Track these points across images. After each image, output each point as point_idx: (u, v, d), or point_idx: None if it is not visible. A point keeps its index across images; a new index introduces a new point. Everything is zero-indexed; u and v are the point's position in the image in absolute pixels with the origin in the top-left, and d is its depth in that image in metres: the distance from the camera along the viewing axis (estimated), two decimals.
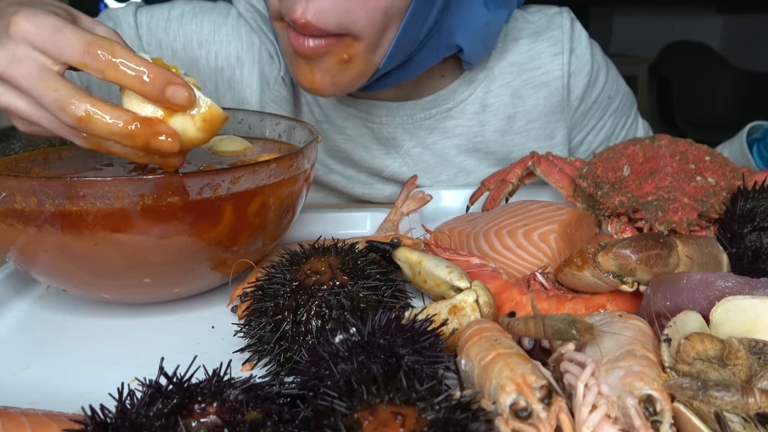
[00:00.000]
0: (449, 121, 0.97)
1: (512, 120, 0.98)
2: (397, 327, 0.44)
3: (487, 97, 0.97)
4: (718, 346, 0.41)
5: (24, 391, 0.52)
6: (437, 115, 0.96)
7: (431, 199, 0.86)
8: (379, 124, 0.96)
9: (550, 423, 0.37)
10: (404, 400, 0.36)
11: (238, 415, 0.38)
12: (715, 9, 4.24)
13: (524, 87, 0.97)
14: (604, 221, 0.73)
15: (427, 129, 0.97)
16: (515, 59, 0.97)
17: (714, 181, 0.70)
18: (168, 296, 0.64)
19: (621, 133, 1.07)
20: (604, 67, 1.02)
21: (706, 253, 0.56)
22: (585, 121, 1.03)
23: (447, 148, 0.99)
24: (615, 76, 1.05)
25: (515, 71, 0.97)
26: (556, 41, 0.96)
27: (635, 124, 1.10)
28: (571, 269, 0.56)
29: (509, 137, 0.99)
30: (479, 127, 0.98)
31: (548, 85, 0.97)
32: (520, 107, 0.98)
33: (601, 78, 1.01)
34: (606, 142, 1.06)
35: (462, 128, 0.98)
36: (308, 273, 0.54)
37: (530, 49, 0.97)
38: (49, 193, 0.51)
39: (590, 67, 0.98)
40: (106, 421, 0.37)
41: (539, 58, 0.97)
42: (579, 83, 0.98)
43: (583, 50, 0.98)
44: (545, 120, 0.99)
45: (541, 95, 0.98)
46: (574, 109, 1.01)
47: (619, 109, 1.06)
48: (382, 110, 0.95)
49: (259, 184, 0.58)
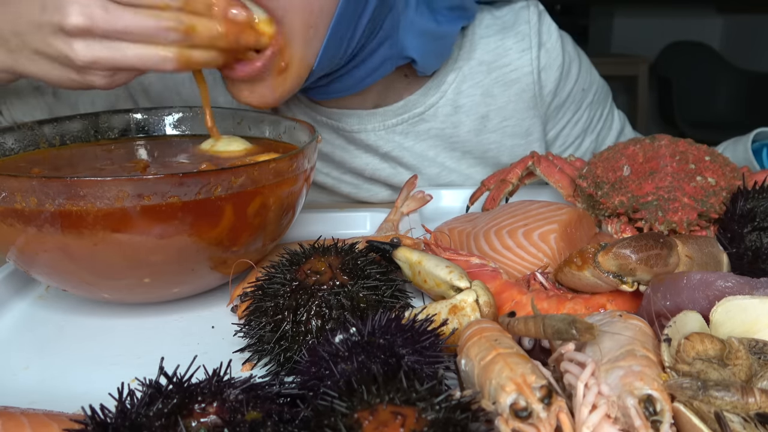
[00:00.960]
0: (422, 125, 0.96)
1: (486, 119, 0.97)
2: (397, 327, 0.44)
3: (459, 98, 0.96)
4: (718, 346, 0.41)
5: (24, 391, 0.52)
6: (409, 120, 0.95)
7: (431, 199, 0.86)
8: (351, 133, 0.95)
9: (550, 423, 0.37)
10: (404, 400, 0.36)
11: (238, 415, 0.38)
12: (715, 9, 4.25)
13: (495, 85, 0.96)
14: (604, 221, 0.73)
15: (401, 134, 0.96)
16: (484, 58, 0.95)
17: (714, 181, 0.70)
18: (168, 296, 0.64)
19: (597, 125, 1.06)
20: (576, 60, 1.01)
21: (706, 253, 0.56)
22: (560, 115, 1.02)
23: (424, 150, 0.98)
24: (588, 68, 1.04)
25: (485, 70, 0.96)
26: (523, 36, 0.95)
27: (611, 115, 1.09)
28: (571, 269, 0.56)
29: (484, 136, 0.98)
30: (453, 128, 0.97)
31: (518, 81, 0.96)
32: (493, 105, 0.97)
33: (573, 71, 1.00)
34: (582, 135, 1.05)
35: (436, 130, 0.97)
36: (308, 273, 0.54)
37: (498, 47, 0.95)
38: (49, 193, 0.51)
39: (561, 60, 0.97)
40: (106, 421, 0.37)
41: (507, 54, 0.95)
42: (551, 77, 0.97)
43: (553, 44, 0.96)
44: (519, 117, 0.98)
45: (512, 92, 0.97)
46: (548, 104, 0.99)
47: (594, 102, 1.05)
48: (353, 119, 0.94)
49: (259, 184, 0.58)
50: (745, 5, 3.99)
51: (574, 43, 1.03)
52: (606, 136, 1.08)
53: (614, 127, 1.09)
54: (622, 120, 1.11)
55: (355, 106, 0.93)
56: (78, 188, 0.51)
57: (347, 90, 0.85)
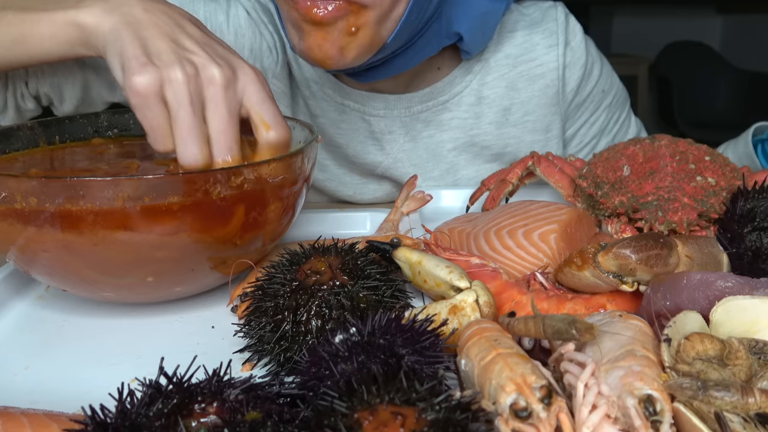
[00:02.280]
0: (445, 114, 0.97)
1: (508, 112, 0.98)
2: (397, 327, 0.44)
3: (483, 89, 0.97)
4: (718, 346, 0.41)
5: (24, 391, 0.52)
6: (434, 108, 0.97)
7: (431, 199, 0.86)
8: (376, 117, 0.96)
9: (550, 423, 0.37)
10: (404, 400, 0.36)
11: (238, 415, 0.38)
12: (715, 9, 4.24)
13: (519, 79, 0.97)
14: (604, 221, 0.73)
15: (423, 122, 0.97)
16: (511, 51, 0.97)
17: (714, 181, 0.70)
18: (169, 296, 0.64)
19: (614, 128, 1.07)
20: (598, 61, 1.03)
21: (706, 253, 0.56)
22: (578, 114, 1.03)
23: (442, 142, 0.99)
24: (609, 72, 1.06)
25: (511, 63, 0.97)
26: (551, 33, 0.97)
27: (628, 120, 1.10)
28: (571, 269, 0.56)
29: (505, 129, 0.99)
30: (475, 119, 0.98)
31: (543, 77, 0.98)
32: (516, 99, 0.98)
33: (595, 71, 1.01)
34: (599, 136, 1.06)
35: (458, 120, 0.98)
36: (308, 273, 0.54)
37: (525, 42, 0.97)
38: (49, 193, 0.51)
39: (585, 60, 0.99)
40: (106, 421, 0.37)
41: (534, 50, 0.97)
42: (574, 75, 0.99)
43: (578, 43, 0.98)
44: (541, 112, 1.00)
45: (536, 87, 0.98)
46: (569, 102, 1.01)
47: (613, 104, 1.06)
48: (379, 103, 0.95)
49: (259, 184, 0.58)
50: (745, 5, 3.99)
51: (597, 48, 1.05)
52: (622, 139, 1.09)
53: (630, 132, 1.10)
54: (638, 126, 1.12)
55: (383, 90, 0.94)
56: (78, 188, 0.51)
57: (395, 70, 0.86)
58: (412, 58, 0.85)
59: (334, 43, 0.73)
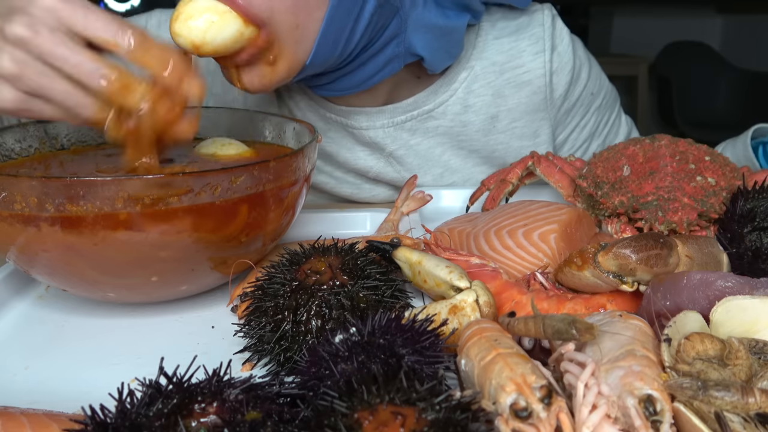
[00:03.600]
0: (431, 122, 0.96)
1: (495, 119, 0.97)
2: (397, 327, 0.44)
3: (469, 97, 0.96)
4: (718, 346, 0.41)
5: (24, 391, 0.52)
6: (418, 117, 0.95)
7: (431, 199, 0.86)
8: (359, 130, 0.95)
9: (550, 423, 0.37)
10: (404, 400, 0.36)
11: (238, 415, 0.38)
12: (715, 9, 4.24)
13: (506, 86, 0.96)
14: (604, 221, 0.73)
15: (408, 131, 0.96)
16: (497, 58, 0.96)
17: (714, 181, 0.70)
18: (169, 296, 0.64)
19: (604, 130, 1.07)
20: (586, 64, 1.01)
21: (706, 253, 0.56)
22: (569, 119, 1.02)
23: (431, 147, 0.98)
24: (598, 73, 1.05)
25: (497, 70, 0.96)
26: (537, 39, 0.96)
27: (618, 120, 1.09)
28: (571, 269, 0.56)
29: (493, 136, 0.98)
30: (462, 127, 0.97)
31: (530, 83, 0.96)
32: (503, 106, 0.97)
33: (583, 75, 1.00)
34: (590, 139, 1.05)
35: (444, 128, 0.97)
36: (308, 273, 0.54)
37: (512, 48, 0.96)
38: (49, 193, 0.51)
39: (572, 65, 0.98)
40: (106, 421, 0.37)
41: (521, 56, 0.96)
42: (562, 81, 0.98)
43: (565, 47, 0.97)
44: (529, 119, 0.99)
45: (523, 94, 0.97)
46: (558, 107, 1.00)
47: (602, 106, 1.05)
48: (361, 117, 0.94)
49: (259, 184, 0.58)
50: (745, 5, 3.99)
51: (585, 48, 1.04)
52: (613, 140, 1.08)
53: (621, 132, 1.09)
54: (629, 125, 1.11)
55: (364, 104, 0.93)
56: (78, 188, 0.51)
57: (355, 87, 0.85)
58: (373, 75, 0.84)
59: (257, 75, 0.72)
